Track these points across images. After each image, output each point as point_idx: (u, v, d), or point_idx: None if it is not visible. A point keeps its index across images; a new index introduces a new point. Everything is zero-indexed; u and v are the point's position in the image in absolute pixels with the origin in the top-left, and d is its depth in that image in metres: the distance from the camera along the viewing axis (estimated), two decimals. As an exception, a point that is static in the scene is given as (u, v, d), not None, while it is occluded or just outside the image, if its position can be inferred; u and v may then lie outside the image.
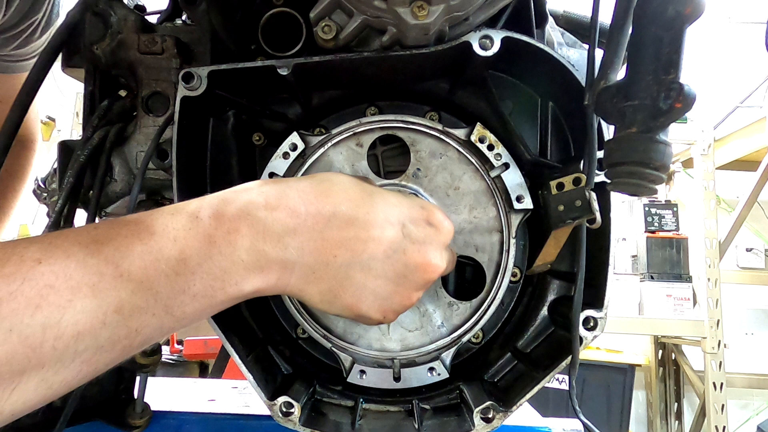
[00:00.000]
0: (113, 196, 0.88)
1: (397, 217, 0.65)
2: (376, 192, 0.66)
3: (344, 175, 0.67)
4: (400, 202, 0.67)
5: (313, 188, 0.62)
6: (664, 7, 0.57)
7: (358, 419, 0.81)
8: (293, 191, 0.61)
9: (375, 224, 0.63)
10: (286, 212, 0.59)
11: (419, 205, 0.68)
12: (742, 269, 4.16)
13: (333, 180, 0.65)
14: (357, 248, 0.62)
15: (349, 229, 0.61)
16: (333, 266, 0.61)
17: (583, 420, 0.79)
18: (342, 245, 0.61)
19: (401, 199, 0.68)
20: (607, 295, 0.76)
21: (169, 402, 1.10)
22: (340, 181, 0.65)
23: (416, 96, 0.87)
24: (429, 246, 0.66)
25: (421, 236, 0.66)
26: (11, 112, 0.86)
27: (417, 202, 0.69)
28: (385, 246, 0.63)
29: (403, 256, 0.64)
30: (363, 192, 0.64)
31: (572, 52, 0.89)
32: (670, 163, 0.60)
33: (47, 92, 1.25)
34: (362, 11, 0.70)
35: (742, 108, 3.71)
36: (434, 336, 0.84)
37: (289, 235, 0.59)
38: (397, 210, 0.65)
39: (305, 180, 0.64)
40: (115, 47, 0.85)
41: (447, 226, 0.69)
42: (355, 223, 0.62)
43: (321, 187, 0.63)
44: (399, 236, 0.64)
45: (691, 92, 0.56)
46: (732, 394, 3.52)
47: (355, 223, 0.62)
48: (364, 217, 0.62)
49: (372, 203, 0.64)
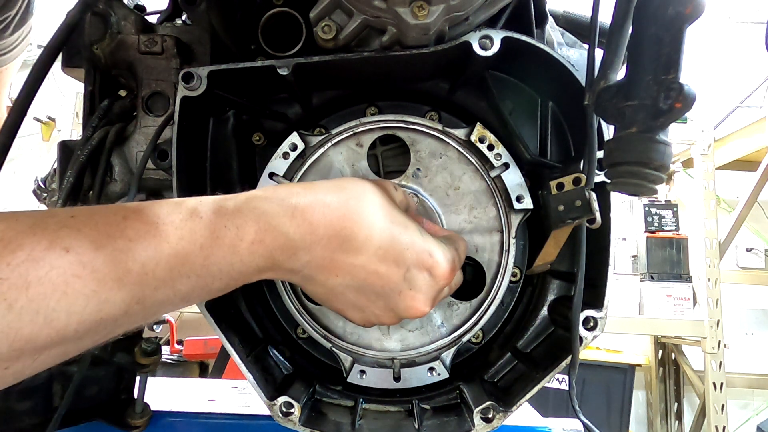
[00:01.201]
0: (113, 196, 0.88)
1: (405, 261, 0.67)
2: (396, 225, 0.68)
3: (376, 195, 0.68)
4: (413, 243, 0.68)
5: (340, 206, 0.63)
6: (664, 7, 0.57)
7: (358, 419, 0.81)
8: (320, 206, 0.62)
9: (383, 262, 0.66)
10: (306, 228, 0.61)
11: (428, 251, 0.69)
12: (742, 269, 4.16)
13: (362, 200, 0.66)
14: (359, 275, 0.65)
15: (357, 257, 0.64)
16: (332, 282, 0.65)
17: (583, 420, 0.79)
18: (346, 270, 0.64)
19: (416, 238, 0.69)
20: (607, 295, 0.76)
21: (169, 402, 1.10)
22: (368, 204, 0.66)
23: (416, 96, 0.87)
24: (423, 294, 0.69)
25: (419, 284, 0.69)
26: (11, 111, 0.86)
27: (428, 246, 0.70)
28: (385, 283, 0.66)
29: (396, 296, 0.68)
30: (385, 222, 0.66)
31: (572, 52, 0.89)
32: (670, 163, 0.60)
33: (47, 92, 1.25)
34: (362, 11, 0.70)
35: (742, 108, 3.71)
36: (434, 336, 0.84)
37: (303, 250, 0.61)
38: (408, 253, 0.67)
39: (334, 193, 0.65)
40: (115, 47, 0.85)
41: (445, 276, 0.71)
42: (365, 253, 0.64)
43: (347, 207, 0.64)
44: (400, 279, 0.67)
45: (691, 92, 0.56)
46: (732, 394, 3.52)
47: (365, 254, 0.64)
48: (376, 252, 0.65)
49: (388, 239, 0.66)
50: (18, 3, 1.21)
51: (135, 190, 0.81)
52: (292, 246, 0.60)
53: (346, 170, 0.84)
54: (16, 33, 1.28)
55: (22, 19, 1.26)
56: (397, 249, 0.66)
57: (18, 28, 1.27)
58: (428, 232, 0.72)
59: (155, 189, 0.90)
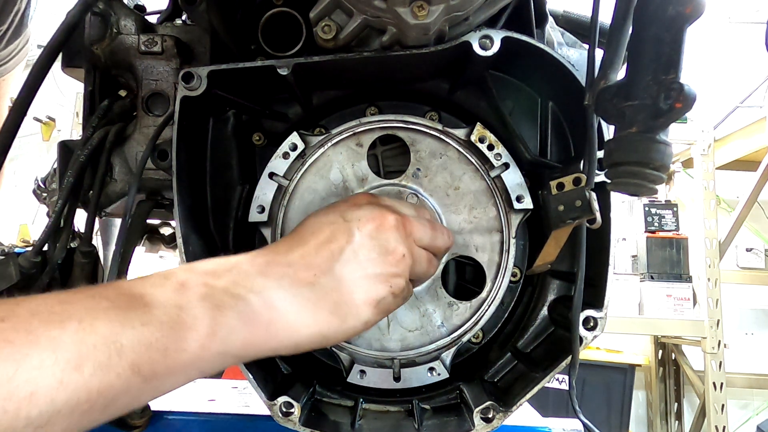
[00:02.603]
0: (113, 196, 0.88)
1: (337, 210, 0.68)
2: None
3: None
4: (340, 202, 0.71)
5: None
6: (664, 7, 0.57)
7: (358, 419, 0.81)
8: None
9: (322, 227, 0.66)
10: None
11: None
12: (742, 269, 4.16)
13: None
14: (316, 256, 0.64)
15: (300, 248, 0.65)
16: (321, 280, 0.63)
17: (583, 420, 0.79)
18: (307, 262, 0.63)
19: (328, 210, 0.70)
20: (607, 295, 0.76)
21: (169, 402, 1.10)
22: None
23: (416, 96, 0.87)
24: (370, 211, 0.68)
25: (362, 212, 0.68)
26: (11, 111, 0.86)
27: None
28: (333, 235, 0.65)
29: (355, 231, 0.66)
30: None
31: (572, 52, 0.89)
32: (670, 163, 0.60)
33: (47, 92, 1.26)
34: (362, 11, 0.70)
35: (742, 108, 3.71)
36: (434, 336, 0.84)
37: (256, 293, 0.59)
38: (337, 207, 0.69)
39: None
40: (115, 47, 0.85)
41: (368, 197, 0.72)
42: (306, 241, 0.65)
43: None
44: (342, 221, 0.66)
45: (691, 92, 0.56)
46: (732, 394, 3.52)
47: (306, 241, 0.65)
48: (312, 233, 0.66)
49: (316, 215, 0.69)
50: (10, 16, 1.21)
51: (135, 189, 0.81)
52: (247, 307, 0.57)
53: (347, 170, 0.84)
54: (11, 46, 1.28)
55: (16, 32, 1.26)
56: (320, 213, 0.68)
57: (12, 41, 1.27)
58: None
59: (155, 189, 0.90)
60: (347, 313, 0.63)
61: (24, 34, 1.30)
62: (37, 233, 0.89)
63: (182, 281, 0.55)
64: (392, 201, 0.73)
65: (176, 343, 0.51)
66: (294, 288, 0.60)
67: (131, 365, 0.47)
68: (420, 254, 0.71)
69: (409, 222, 0.69)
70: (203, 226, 0.84)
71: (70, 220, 0.88)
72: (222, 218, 0.86)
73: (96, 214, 0.88)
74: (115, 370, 0.46)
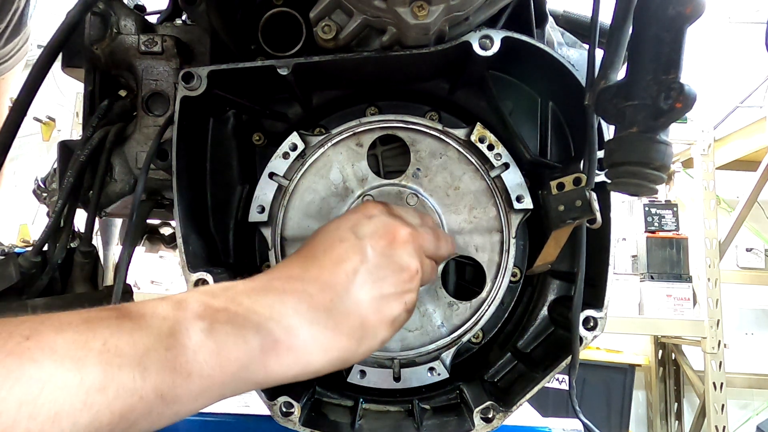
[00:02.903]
0: (113, 196, 0.88)
1: (346, 225, 0.67)
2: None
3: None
4: (345, 217, 0.69)
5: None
6: (664, 7, 0.57)
7: (358, 419, 0.81)
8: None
9: (330, 247, 0.65)
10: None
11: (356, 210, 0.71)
12: (742, 269, 4.15)
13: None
14: (331, 276, 0.63)
15: (312, 270, 0.63)
16: (335, 300, 0.62)
17: (583, 420, 0.79)
18: (322, 283, 0.62)
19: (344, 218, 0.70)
20: (607, 295, 0.76)
21: (169, 402, 1.10)
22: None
23: (416, 96, 0.87)
24: (374, 222, 0.67)
25: (370, 225, 0.67)
26: (11, 111, 0.86)
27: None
28: (344, 252, 0.64)
29: (358, 249, 0.65)
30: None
31: (572, 52, 0.89)
32: (670, 163, 0.60)
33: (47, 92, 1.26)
34: (362, 11, 0.70)
35: (742, 108, 3.71)
36: (434, 336, 0.84)
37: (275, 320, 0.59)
38: (343, 222, 0.67)
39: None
40: (115, 47, 0.85)
41: (378, 206, 0.70)
42: (317, 261, 0.64)
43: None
44: (353, 236, 0.66)
45: (691, 92, 0.56)
46: (732, 394, 3.52)
47: (317, 261, 0.64)
48: (324, 251, 0.65)
49: (321, 234, 0.67)
50: (8, 15, 1.21)
51: (141, 189, 0.81)
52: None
53: (347, 170, 0.84)
54: (10, 44, 1.28)
55: (15, 30, 1.26)
56: (332, 228, 0.67)
57: (11, 39, 1.27)
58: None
59: (155, 189, 0.90)
60: (364, 335, 0.63)
61: (23, 33, 1.30)
62: (37, 233, 0.89)
63: (204, 306, 0.55)
64: (400, 210, 0.73)
65: (200, 368, 0.51)
66: (311, 313, 0.60)
67: (155, 388, 0.47)
68: (428, 265, 0.71)
69: (419, 235, 0.70)
70: (203, 226, 0.85)
71: (70, 220, 0.88)
72: (222, 218, 0.86)
73: (96, 214, 0.88)
74: (139, 393, 0.46)
